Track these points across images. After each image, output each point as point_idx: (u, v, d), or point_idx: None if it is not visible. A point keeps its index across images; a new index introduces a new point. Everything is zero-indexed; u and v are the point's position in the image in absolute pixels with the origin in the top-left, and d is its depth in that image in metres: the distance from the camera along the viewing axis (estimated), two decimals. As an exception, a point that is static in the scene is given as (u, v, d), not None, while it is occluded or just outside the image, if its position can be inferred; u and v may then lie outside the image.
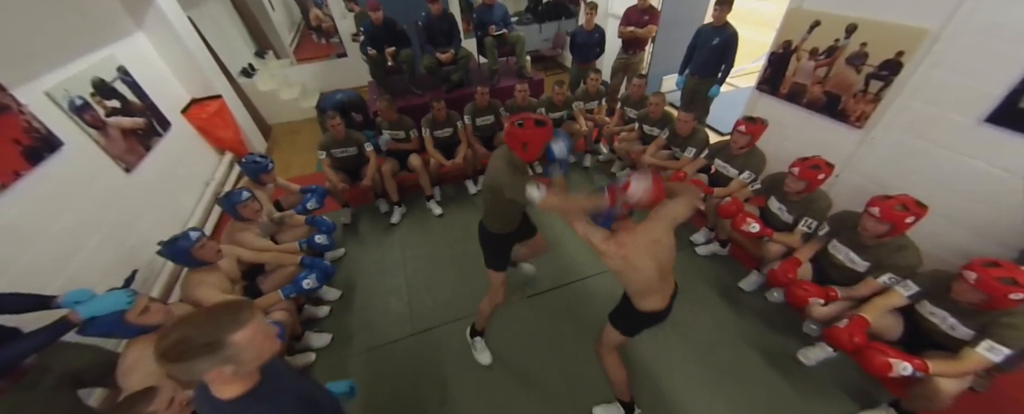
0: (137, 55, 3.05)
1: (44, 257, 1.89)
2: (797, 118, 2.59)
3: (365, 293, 2.58)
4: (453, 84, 3.83)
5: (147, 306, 1.37)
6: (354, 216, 3.25)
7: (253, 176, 2.51)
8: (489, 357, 2.07)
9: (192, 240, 1.72)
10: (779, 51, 2.61)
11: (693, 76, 3.39)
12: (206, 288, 1.73)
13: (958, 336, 1.47)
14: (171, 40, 3.28)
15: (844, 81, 2.30)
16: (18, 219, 1.83)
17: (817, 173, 1.98)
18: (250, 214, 2.13)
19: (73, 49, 2.50)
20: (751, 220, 2.12)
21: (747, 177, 2.41)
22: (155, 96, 3.06)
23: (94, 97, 2.55)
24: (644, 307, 1.39)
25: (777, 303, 2.28)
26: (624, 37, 3.78)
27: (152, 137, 2.98)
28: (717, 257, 2.63)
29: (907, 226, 1.61)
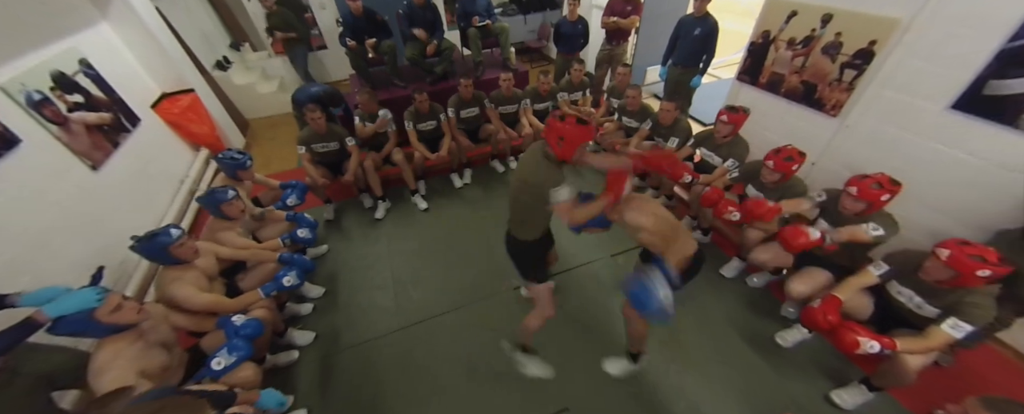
0: (101, 47, 2.90)
1: (3, 258, 1.80)
2: (776, 107, 2.63)
3: (350, 289, 2.54)
4: (437, 76, 3.77)
5: (119, 304, 1.32)
6: (337, 212, 3.20)
7: (230, 173, 2.43)
8: (548, 369, 1.94)
9: (172, 237, 1.65)
10: (758, 41, 2.64)
11: (676, 67, 3.42)
12: (182, 285, 1.67)
13: (924, 314, 1.53)
14: (138, 31, 3.12)
15: (820, 70, 2.34)
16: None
17: (791, 164, 2.03)
18: (235, 213, 2.06)
19: (29, 40, 2.37)
20: (733, 208, 2.16)
21: (731, 164, 2.45)
22: (122, 90, 2.92)
23: (54, 91, 2.42)
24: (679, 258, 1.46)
25: (756, 288, 2.34)
26: (607, 28, 3.77)
27: (120, 133, 2.85)
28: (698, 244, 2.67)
29: (882, 203, 1.66)
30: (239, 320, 1.64)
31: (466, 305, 2.38)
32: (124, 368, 1.27)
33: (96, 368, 1.26)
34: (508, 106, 3.33)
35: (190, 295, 1.67)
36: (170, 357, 1.49)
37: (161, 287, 1.68)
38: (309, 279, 2.52)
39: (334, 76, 5.61)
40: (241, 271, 2.11)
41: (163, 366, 1.43)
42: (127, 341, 1.33)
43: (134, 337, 1.36)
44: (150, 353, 1.39)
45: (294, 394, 1.94)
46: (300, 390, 1.97)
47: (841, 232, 1.71)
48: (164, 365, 1.43)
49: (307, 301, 2.42)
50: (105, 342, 1.32)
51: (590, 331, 2.17)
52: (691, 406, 1.81)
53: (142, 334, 1.40)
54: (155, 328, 1.48)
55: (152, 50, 3.26)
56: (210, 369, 1.48)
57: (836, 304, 1.59)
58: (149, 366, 1.36)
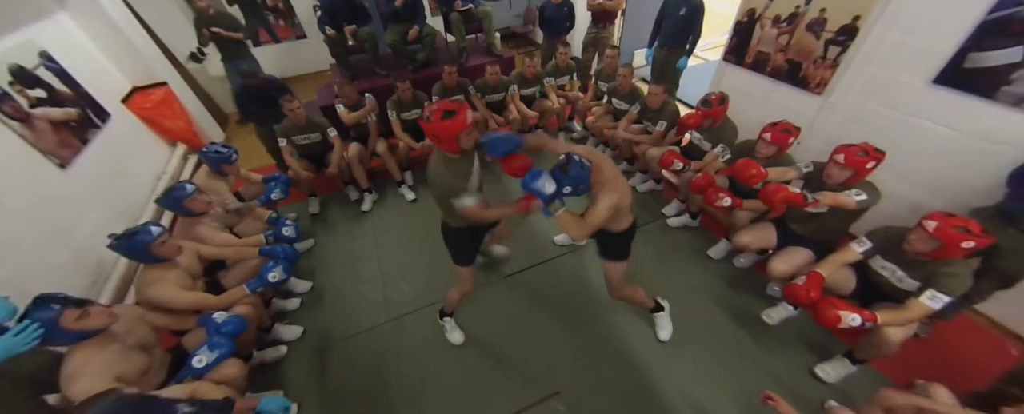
0: (62, 39, 2.76)
1: None
2: (762, 87, 2.62)
3: (337, 283, 2.51)
4: (419, 63, 3.68)
5: (86, 311, 1.27)
6: (322, 205, 3.13)
7: (215, 167, 2.35)
8: (461, 336, 2.09)
9: (153, 235, 1.59)
10: (744, 20, 2.61)
11: (662, 48, 3.37)
12: (164, 285, 1.62)
13: (905, 288, 1.56)
14: (100, 22, 2.97)
15: (805, 48, 2.33)
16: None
17: (788, 136, 2.01)
18: (200, 208, 1.98)
19: (-19, 32, 2.24)
20: (723, 194, 2.16)
21: (721, 150, 2.43)
22: (88, 84, 2.79)
23: (13, 86, 2.31)
24: (627, 225, 1.60)
25: (743, 268, 2.36)
26: (593, 10, 3.70)
27: (89, 129, 2.74)
28: (688, 228, 2.69)
29: (867, 171, 1.66)
30: (220, 317, 1.60)
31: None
32: (97, 374, 1.22)
33: (66, 375, 1.22)
34: (495, 94, 3.26)
35: (174, 295, 1.62)
36: (150, 359, 1.45)
37: (142, 288, 1.63)
38: (295, 273, 2.48)
39: (313, 67, 5.45)
40: (222, 268, 2.06)
41: (142, 369, 1.39)
42: (98, 346, 1.29)
43: (106, 341, 1.31)
44: (127, 356, 1.35)
45: (283, 389, 1.92)
46: (289, 385, 1.95)
47: (824, 195, 1.70)
48: (143, 367, 1.40)
49: (294, 296, 2.39)
50: (75, 348, 1.27)
51: (579, 315, 2.18)
52: (678, 383, 1.83)
53: (116, 337, 1.35)
54: (131, 331, 1.43)
55: (118, 42, 3.11)
56: (191, 367, 1.45)
57: (818, 280, 1.61)
58: (126, 370, 1.32)
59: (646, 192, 3.01)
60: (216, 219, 2.15)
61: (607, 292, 2.16)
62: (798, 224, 1.98)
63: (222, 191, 2.35)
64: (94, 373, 1.22)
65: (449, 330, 2.10)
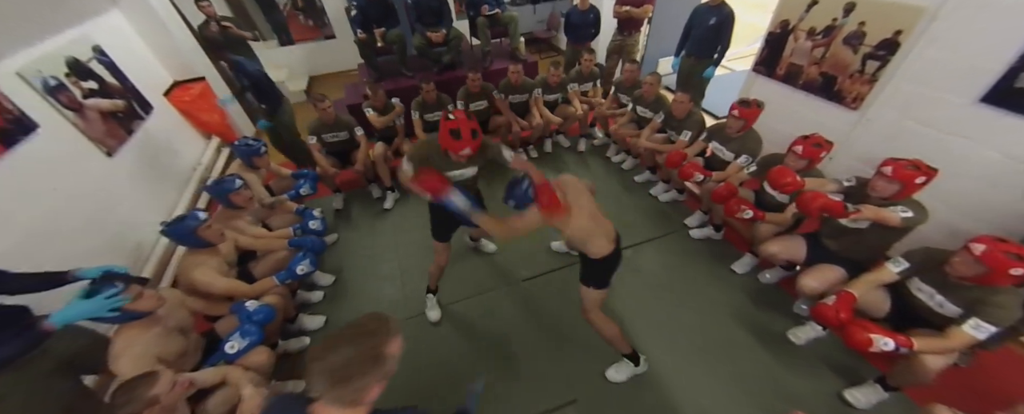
0: (114, 34, 2.92)
1: (21, 242, 1.83)
2: (792, 100, 2.57)
3: (358, 279, 2.56)
4: (444, 66, 3.74)
5: (141, 292, 1.34)
6: (346, 201, 3.21)
7: (246, 159, 2.46)
8: (438, 314, 2.22)
9: (199, 220, 1.69)
10: (776, 31, 2.57)
11: (689, 57, 3.34)
12: (205, 270, 1.70)
13: (945, 313, 1.49)
14: (149, 18, 3.13)
15: (841, 61, 2.27)
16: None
17: (820, 151, 1.96)
18: (242, 202, 2.09)
19: (44, 27, 2.39)
20: (744, 206, 2.12)
21: (744, 161, 2.39)
22: (135, 78, 2.94)
23: (69, 78, 2.45)
24: (600, 254, 1.55)
25: (768, 284, 2.30)
26: (619, 17, 3.69)
27: (133, 120, 2.88)
28: (711, 240, 2.64)
29: (916, 187, 1.60)
30: (252, 306, 1.66)
31: (473, 296, 2.38)
32: (140, 354, 1.29)
33: (113, 354, 1.29)
34: (518, 95, 3.29)
35: (212, 280, 1.70)
36: (187, 342, 1.51)
37: (184, 270, 1.72)
38: (319, 267, 2.54)
39: (341, 67, 5.60)
40: (253, 259, 2.13)
41: (180, 351, 1.45)
42: (142, 327, 1.36)
43: (150, 323, 1.38)
44: (168, 338, 1.41)
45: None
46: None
47: (867, 208, 1.63)
48: (181, 350, 1.46)
49: (317, 289, 2.45)
50: (122, 328, 1.34)
51: None
52: (697, 400, 1.80)
53: (159, 320, 1.42)
54: (172, 313, 1.50)
55: (162, 37, 3.27)
56: (224, 352, 1.50)
57: (850, 300, 1.56)
58: (166, 352, 1.38)
59: (668, 202, 2.97)
60: (250, 213, 2.24)
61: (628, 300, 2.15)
62: (832, 239, 1.92)
63: (255, 183, 2.44)
64: (137, 354, 1.28)
65: (429, 307, 2.22)
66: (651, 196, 3.03)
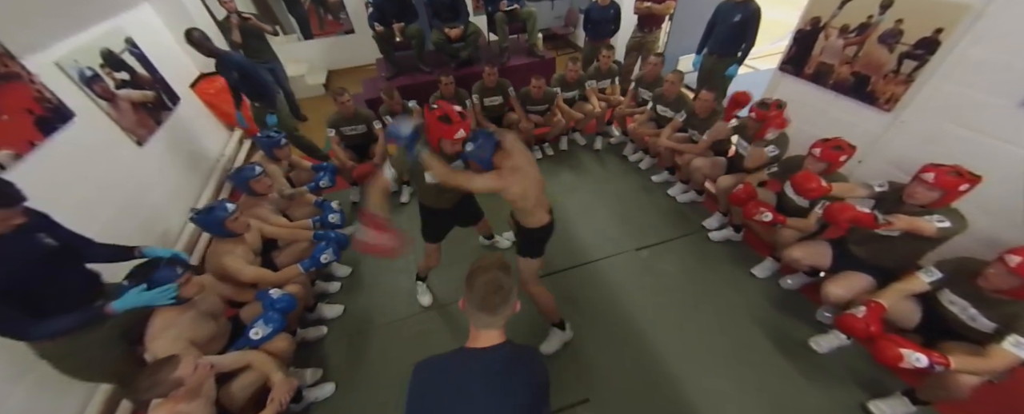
0: (144, 27, 3.02)
1: None
2: (821, 100, 2.48)
3: (373, 271, 2.60)
4: (462, 61, 3.74)
5: (188, 278, 1.42)
6: (362, 194, 3.24)
7: (268, 151, 2.52)
8: (429, 299, 2.31)
9: (228, 211, 1.76)
10: (806, 28, 2.48)
11: (711, 55, 3.25)
12: (233, 258, 1.78)
13: (978, 327, 1.43)
14: (177, 12, 3.23)
15: (875, 61, 2.18)
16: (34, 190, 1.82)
17: (839, 154, 1.90)
18: (263, 189, 2.16)
19: (80, 19, 2.47)
20: (763, 209, 2.06)
21: (771, 151, 2.30)
22: (164, 69, 3.03)
23: (103, 68, 2.54)
24: (537, 224, 1.63)
25: (790, 290, 2.25)
26: (640, 14, 3.62)
27: (162, 111, 2.97)
28: (730, 243, 2.59)
29: (957, 195, 1.53)
30: (276, 294, 1.70)
31: None
32: (176, 337, 1.35)
33: (151, 333, 1.35)
34: (537, 106, 3.25)
35: (241, 267, 1.77)
36: (217, 326, 1.57)
37: (214, 257, 1.78)
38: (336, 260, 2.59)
39: (360, 61, 5.66)
40: (275, 249, 2.19)
41: (210, 335, 1.50)
42: (179, 311, 1.42)
43: (186, 308, 1.44)
44: (200, 322, 1.47)
45: (323, 368, 2.01)
46: (329, 365, 2.04)
47: (899, 218, 1.56)
48: (211, 334, 1.51)
49: (335, 279, 2.50)
50: (162, 310, 1.40)
51: (612, 323, 2.15)
52: (713, 404, 1.77)
53: (194, 304, 1.48)
54: (205, 299, 1.56)
55: (191, 31, 3.34)
56: (248, 338, 1.55)
57: (879, 312, 1.50)
58: (198, 335, 1.43)
59: (686, 203, 2.92)
60: (271, 203, 2.29)
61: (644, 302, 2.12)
62: (859, 246, 1.86)
63: (277, 175, 2.50)
64: (172, 337, 1.33)
65: (420, 293, 2.33)
66: (669, 197, 2.98)
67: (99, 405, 1.74)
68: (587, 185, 3.20)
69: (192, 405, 1.22)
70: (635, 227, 2.77)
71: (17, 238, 1.21)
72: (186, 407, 1.20)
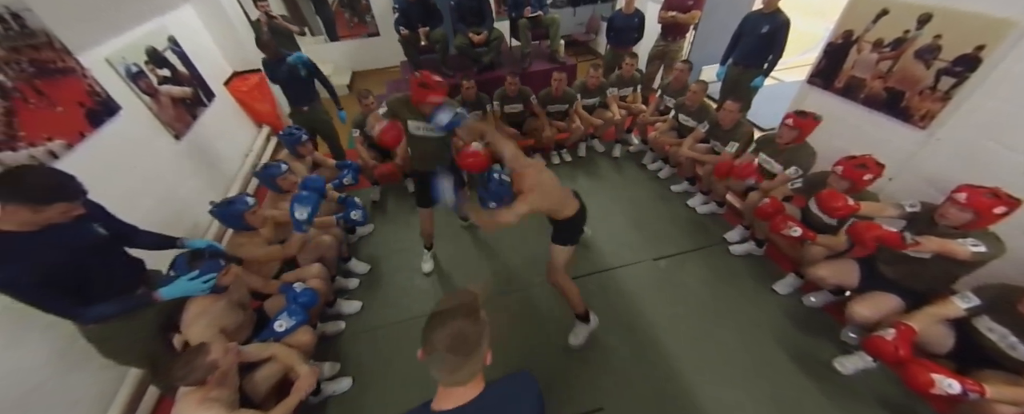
0: (185, 26, 3.16)
1: None
2: (851, 115, 2.42)
3: (391, 269, 2.64)
4: (484, 65, 3.79)
5: (227, 269, 1.49)
6: (383, 194, 3.31)
7: (291, 149, 2.60)
8: (431, 266, 2.54)
9: (248, 205, 1.81)
10: (838, 42, 2.43)
11: (736, 66, 3.22)
12: (251, 248, 1.85)
13: (1018, 357, 1.37)
14: (216, 12, 3.37)
15: (910, 76, 2.13)
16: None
17: (863, 173, 1.86)
18: (288, 186, 2.23)
19: (128, 17, 2.60)
20: (792, 223, 2.03)
21: (793, 172, 2.29)
22: (201, 67, 3.17)
23: (148, 65, 2.67)
24: (570, 214, 1.73)
25: (813, 308, 2.19)
26: (664, 23, 3.61)
27: (198, 107, 3.10)
28: (751, 257, 2.54)
29: (992, 218, 1.47)
30: (298, 287, 1.75)
31: (502, 295, 2.40)
32: (208, 324, 1.41)
33: (186, 321, 1.41)
34: (557, 105, 3.28)
35: (256, 251, 1.85)
36: (244, 315, 1.62)
37: (233, 250, 1.83)
38: (355, 256, 2.66)
39: (384, 63, 5.79)
40: None
41: (238, 323, 1.56)
42: (213, 299, 1.48)
43: (219, 295, 1.50)
44: (230, 311, 1.53)
45: (341, 362, 2.05)
46: (346, 360, 2.09)
47: (930, 240, 1.51)
48: (239, 322, 1.56)
49: (353, 276, 2.55)
50: (198, 298, 1.46)
51: (629, 332, 2.14)
52: (731, 421, 1.74)
53: (226, 294, 1.53)
54: (236, 288, 1.62)
55: (226, 31, 3.51)
56: (272, 330, 1.60)
57: (910, 335, 1.46)
58: (228, 323, 1.49)
59: (707, 215, 2.88)
60: None
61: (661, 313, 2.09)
62: (889, 266, 1.80)
63: (301, 172, 2.58)
64: (205, 324, 1.39)
65: (424, 260, 2.55)
66: (688, 207, 2.95)
67: (130, 388, 1.82)
68: (605, 191, 3.19)
69: (223, 391, 1.27)
70: (653, 236, 2.75)
71: (74, 227, 1.27)
72: (217, 393, 1.25)
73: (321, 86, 2.99)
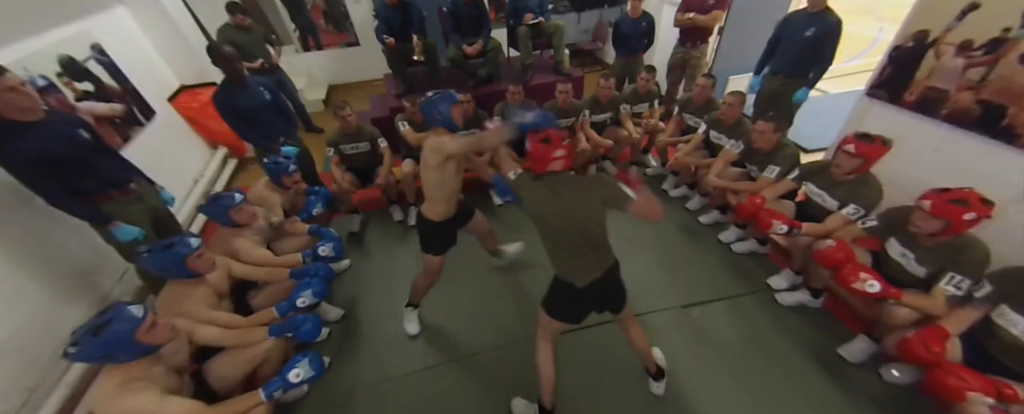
0: (117, 33, 2.68)
1: None
2: (931, 135, 1.97)
3: (370, 315, 2.20)
4: (480, 79, 3.34)
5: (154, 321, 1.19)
6: (363, 224, 2.82)
7: (275, 178, 2.19)
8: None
9: (192, 248, 1.48)
10: (907, 45, 1.99)
11: (775, 76, 2.76)
12: (192, 303, 1.49)
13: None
14: (158, 17, 2.89)
15: (1014, 86, 1.68)
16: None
17: (961, 211, 1.38)
18: (245, 219, 1.85)
19: (36, 20, 2.14)
20: (868, 275, 1.54)
21: (852, 212, 1.82)
22: (137, 80, 2.69)
23: (61, 78, 2.20)
24: None
25: (898, 384, 1.68)
26: (681, 26, 3.18)
27: (132, 126, 2.61)
28: (805, 309, 2.05)
29: None
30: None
31: (504, 346, 1.97)
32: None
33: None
34: (563, 119, 2.83)
35: (200, 314, 1.49)
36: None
37: (168, 306, 1.47)
38: (326, 299, 2.18)
39: (365, 76, 5.32)
40: (253, 288, 1.87)
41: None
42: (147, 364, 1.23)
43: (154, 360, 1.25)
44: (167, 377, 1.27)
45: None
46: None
47: None
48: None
49: (323, 325, 2.07)
50: None
51: (650, 395, 1.73)
52: None
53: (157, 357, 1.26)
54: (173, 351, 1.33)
55: (172, 39, 3.03)
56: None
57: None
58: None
59: (744, 254, 2.39)
60: (256, 232, 1.96)
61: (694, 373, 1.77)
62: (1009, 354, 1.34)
63: (274, 204, 2.17)
64: None
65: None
66: (721, 244, 2.47)
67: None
68: (620, 224, 2.71)
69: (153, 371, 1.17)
70: (680, 279, 2.28)
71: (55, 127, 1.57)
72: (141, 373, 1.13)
73: None
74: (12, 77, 1.44)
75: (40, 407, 1.60)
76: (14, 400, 1.57)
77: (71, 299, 1.89)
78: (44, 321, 1.74)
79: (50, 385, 1.68)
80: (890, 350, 1.55)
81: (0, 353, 1.56)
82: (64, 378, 1.70)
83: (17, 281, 1.70)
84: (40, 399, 1.63)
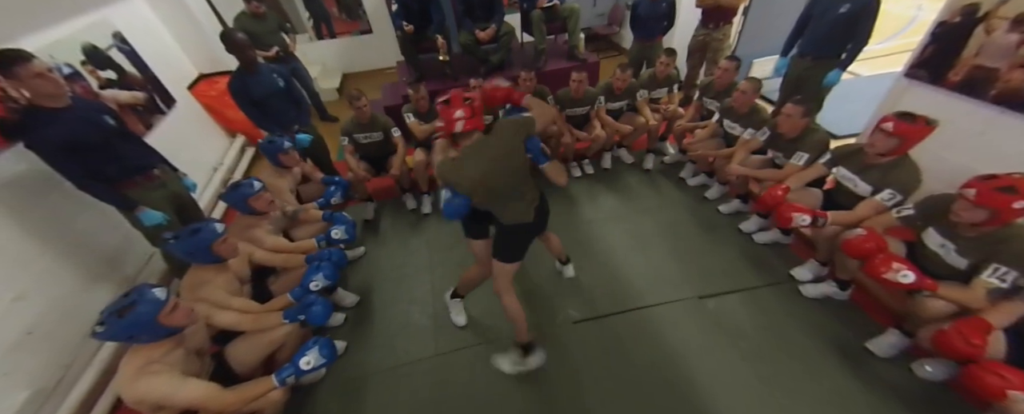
0: (136, 21, 2.72)
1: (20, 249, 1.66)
2: (977, 118, 1.84)
3: (384, 302, 2.22)
4: (492, 66, 3.28)
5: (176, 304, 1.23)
6: (377, 212, 2.85)
7: (272, 159, 2.19)
8: (464, 319, 2.02)
9: (218, 233, 1.50)
10: (953, 20, 1.85)
11: (804, 57, 2.61)
12: (212, 288, 1.51)
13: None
14: (175, 6, 2.92)
15: (1075, 65, 1.54)
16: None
17: (1011, 199, 1.28)
18: (264, 206, 1.87)
19: (60, 9, 2.18)
20: (901, 266, 1.45)
21: (888, 197, 1.71)
22: (158, 69, 2.73)
23: (85, 66, 2.24)
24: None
25: (932, 381, 1.61)
26: (705, 6, 3.03)
27: (154, 114, 2.67)
28: (832, 302, 1.97)
29: None
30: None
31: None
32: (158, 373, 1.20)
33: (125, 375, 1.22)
34: (577, 108, 2.75)
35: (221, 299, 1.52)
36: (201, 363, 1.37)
37: (189, 290, 1.50)
38: (342, 285, 2.25)
39: (378, 64, 5.31)
40: (272, 272, 1.90)
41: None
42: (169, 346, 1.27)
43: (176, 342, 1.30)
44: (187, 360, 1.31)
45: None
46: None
47: None
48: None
49: (339, 310, 2.13)
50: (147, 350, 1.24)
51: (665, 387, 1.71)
52: None
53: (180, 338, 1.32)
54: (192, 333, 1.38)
55: (190, 28, 3.07)
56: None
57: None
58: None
59: (766, 244, 2.30)
60: (272, 222, 1.99)
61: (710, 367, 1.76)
62: None
63: (283, 190, 2.19)
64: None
65: (454, 312, 2.03)
66: (742, 233, 2.39)
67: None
68: (635, 213, 2.65)
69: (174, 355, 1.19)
70: (696, 269, 2.22)
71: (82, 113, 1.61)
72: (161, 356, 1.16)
73: None
74: (39, 63, 1.46)
75: (77, 381, 1.69)
76: (53, 375, 1.66)
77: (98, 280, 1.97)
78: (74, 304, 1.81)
79: (84, 362, 1.76)
80: (924, 345, 1.47)
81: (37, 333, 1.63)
82: (97, 356, 1.79)
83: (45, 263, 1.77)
84: (76, 373, 1.72)
